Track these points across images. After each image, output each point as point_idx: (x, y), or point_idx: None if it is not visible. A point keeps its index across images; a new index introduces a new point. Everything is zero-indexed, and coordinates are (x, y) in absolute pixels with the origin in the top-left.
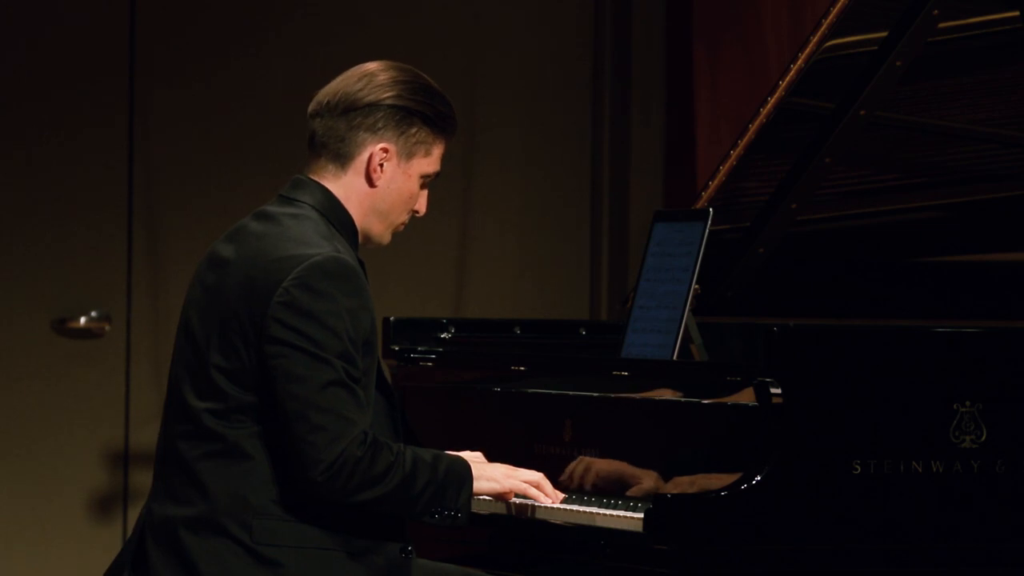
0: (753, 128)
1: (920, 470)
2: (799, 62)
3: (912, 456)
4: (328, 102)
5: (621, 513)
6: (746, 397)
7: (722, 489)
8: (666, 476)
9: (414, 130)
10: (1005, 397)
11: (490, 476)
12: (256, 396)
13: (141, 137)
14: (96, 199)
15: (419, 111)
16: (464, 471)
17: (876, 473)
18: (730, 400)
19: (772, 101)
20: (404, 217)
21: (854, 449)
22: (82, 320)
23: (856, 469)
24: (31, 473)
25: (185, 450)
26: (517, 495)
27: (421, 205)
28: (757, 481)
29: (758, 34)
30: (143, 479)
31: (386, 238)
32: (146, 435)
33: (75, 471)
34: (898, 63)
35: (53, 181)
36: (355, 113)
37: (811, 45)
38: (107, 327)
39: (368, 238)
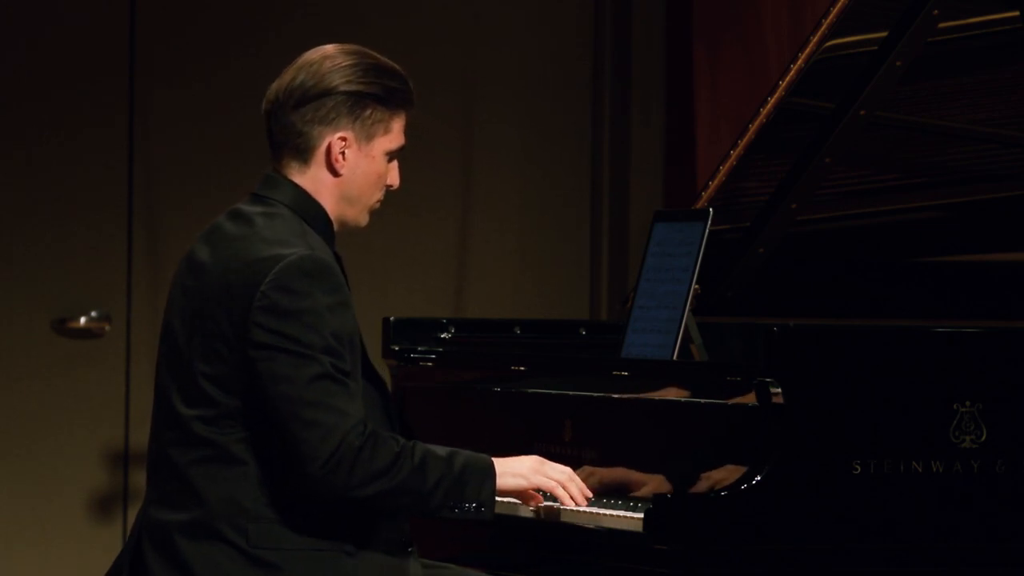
0: (753, 128)
1: (920, 470)
2: (799, 62)
3: (912, 456)
4: (278, 99)
5: (621, 513)
6: (746, 397)
7: (722, 489)
8: (666, 476)
9: (368, 112)
10: (1005, 397)
11: (516, 472)
12: (244, 400)
13: (141, 137)
14: (96, 199)
15: (370, 92)
16: (485, 466)
17: (876, 473)
18: (730, 400)
19: (772, 101)
20: (378, 196)
21: (854, 449)
22: (82, 320)
23: (856, 469)
24: (31, 473)
25: (176, 456)
26: (545, 498)
27: (393, 179)
28: (757, 481)
29: (758, 34)
30: (143, 479)
31: (363, 220)
32: (146, 435)
33: (75, 471)
34: (898, 63)
35: (53, 181)
36: (306, 107)
37: (811, 45)
38: (107, 327)
39: (344, 224)
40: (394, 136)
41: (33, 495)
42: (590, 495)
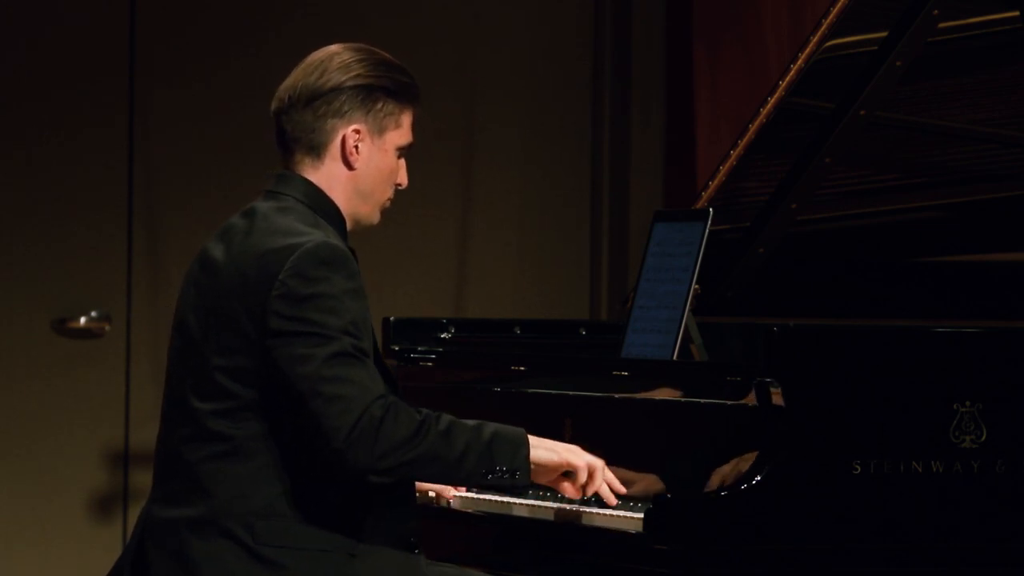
0: (753, 128)
1: (920, 470)
2: (799, 62)
3: (912, 456)
4: (289, 97)
5: (621, 513)
6: (746, 397)
7: (722, 489)
8: (666, 476)
9: (380, 105)
10: (1005, 397)
11: (550, 447)
12: (260, 392)
13: (141, 137)
14: (96, 199)
15: (381, 86)
16: (518, 435)
17: (876, 473)
18: (730, 400)
19: (772, 101)
20: (389, 193)
21: (854, 449)
22: (82, 320)
23: (856, 469)
24: (31, 473)
25: (188, 453)
26: (555, 499)
27: (402, 178)
28: (757, 481)
29: (758, 34)
30: (143, 479)
31: (375, 218)
32: (146, 435)
33: (75, 471)
34: (898, 63)
35: (53, 181)
36: (319, 102)
37: (811, 45)
38: (107, 327)
39: (358, 221)
40: (404, 131)
41: (33, 495)
42: (622, 489)
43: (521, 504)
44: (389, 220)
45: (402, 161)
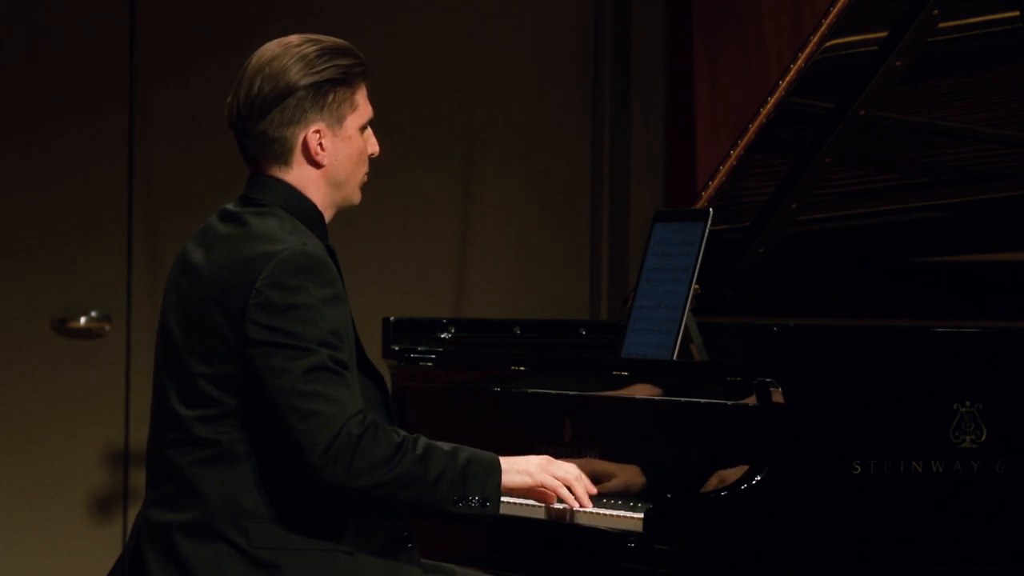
0: (753, 128)
1: (920, 470)
2: (799, 62)
3: (912, 456)
4: (241, 113)
5: (621, 513)
6: (746, 397)
7: (722, 489)
8: (666, 476)
9: (331, 97)
10: (1005, 397)
11: (522, 469)
12: (243, 400)
13: (141, 137)
14: (96, 199)
15: (328, 78)
16: (491, 461)
17: (876, 473)
18: (730, 400)
19: (772, 101)
20: (364, 170)
21: (854, 449)
22: (82, 320)
23: (856, 469)
24: (31, 473)
25: (176, 457)
26: (555, 501)
27: (373, 147)
28: (757, 481)
29: (758, 34)
30: (143, 479)
31: (356, 198)
32: (146, 435)
33: (75, 471)
34: (898, 63)
35: (53, 181)
36: (272, 113)
37: (811, 45)
38: (107, 327)
39: (340, 207)
40: (362, 110)
41: (33, 495)
42: (595, 491)
43: (519, 504)
44: (389, 220)
45: (368, 132)
